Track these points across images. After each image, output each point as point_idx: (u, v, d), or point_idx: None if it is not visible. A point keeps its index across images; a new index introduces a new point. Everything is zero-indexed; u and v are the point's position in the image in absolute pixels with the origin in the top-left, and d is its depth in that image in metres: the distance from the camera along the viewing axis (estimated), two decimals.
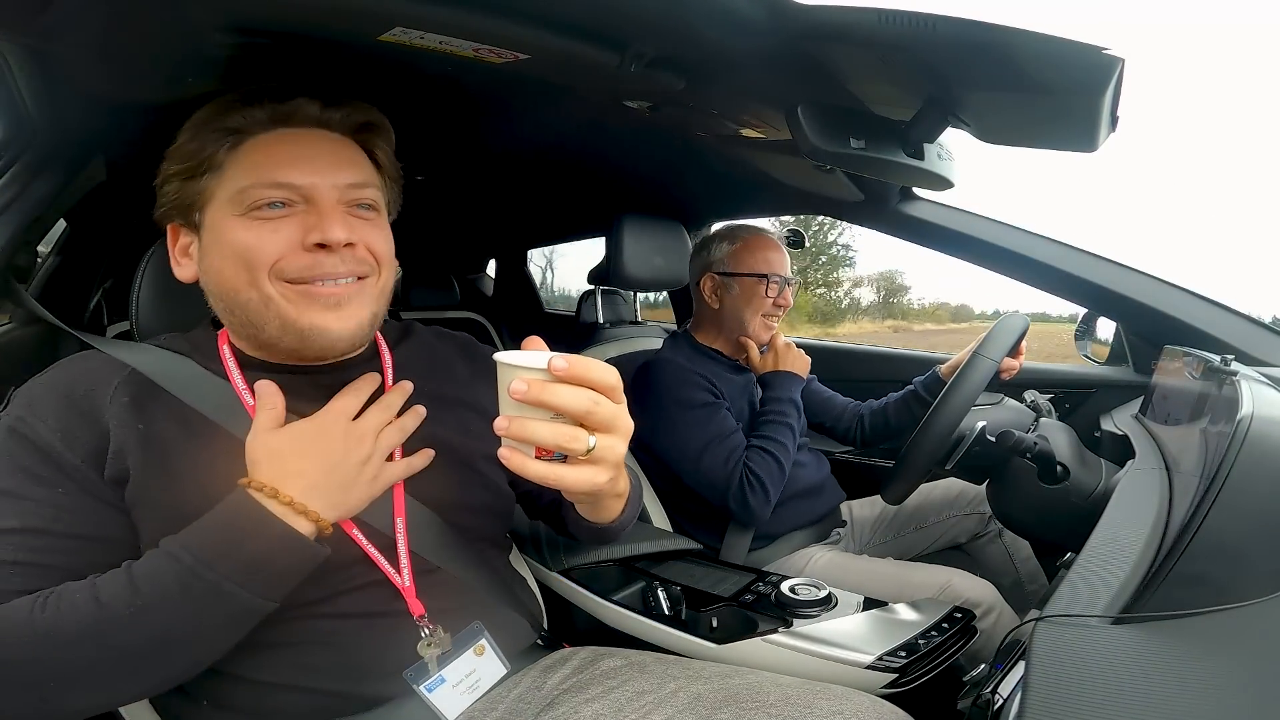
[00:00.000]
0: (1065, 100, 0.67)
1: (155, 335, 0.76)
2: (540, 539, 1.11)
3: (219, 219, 0.62)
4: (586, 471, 0.52)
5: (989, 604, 1.04)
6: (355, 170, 0.65)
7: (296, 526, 0.55)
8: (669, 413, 1.21)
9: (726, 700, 0.61)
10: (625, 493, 0.66)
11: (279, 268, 0.61)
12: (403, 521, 0.66)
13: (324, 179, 0.62)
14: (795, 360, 1.33)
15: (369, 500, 0.61)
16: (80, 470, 0.58)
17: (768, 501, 1.16)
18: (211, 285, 0.65)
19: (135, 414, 0.61)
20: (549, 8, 0.64)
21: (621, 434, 0.53)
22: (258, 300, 0.61)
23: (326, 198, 0.62)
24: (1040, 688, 0.43)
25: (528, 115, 1.12)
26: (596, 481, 0.52)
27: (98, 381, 0.62)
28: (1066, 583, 0.55)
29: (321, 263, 0.61)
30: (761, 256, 1.31)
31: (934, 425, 0.97)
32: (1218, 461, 0.56)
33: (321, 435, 0.59)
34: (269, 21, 0.66)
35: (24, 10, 0.60)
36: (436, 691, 0.65)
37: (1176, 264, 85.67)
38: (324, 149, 0.64)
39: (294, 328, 0.62)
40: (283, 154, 0.62)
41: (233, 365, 0.65)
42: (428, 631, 0.65)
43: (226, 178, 0.62)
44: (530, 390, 0.49)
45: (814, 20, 0.64)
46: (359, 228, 0.64)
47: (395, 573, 0.65)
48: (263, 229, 0.61)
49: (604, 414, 0.51)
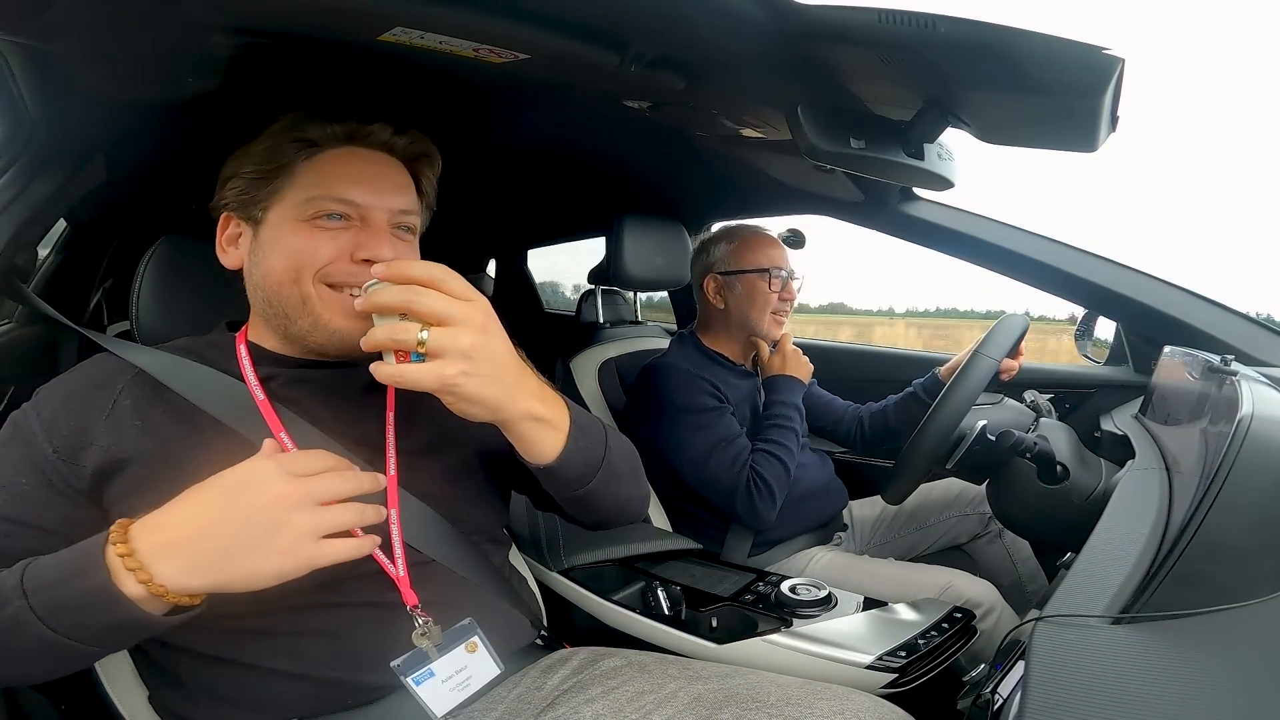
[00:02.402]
0: (1065, 100, 0.67)
1: (155, 334, 0.77)
2: (540, 539, 1.11)
3: (282, 219, 0.67)
4: (430, 366, 0.53)
5: (989, 604, 1.04)
6: (406, 197, 0.71)
7: (120, 584, 0.49)
8: (674, 417, 1.21)
9: (727, 700, 0.61)
10: (551, 420, 0.62)
11: (325, 272, 0.65)
12: (396, 513, 0.66)
13: (381, 201, 0.68)
14: (800, 365, 1.33)
15: (276, 577, 0.52)
16: (49, 460, 0.60)
17: (774, 505, 1.16)
18: (257, 276, 0.68)
19: (135, 412, 0.63)
20: (549, 8, 0.64)
21: (462, 325, 0.54)
22: (297, 297, 0.66)
23: (379, 219, 0.67)
24: (1040, 688, 0.43)
25: (528, 115, 1.12)
26: (445, 374, 0.53)
27: (104, 380, 0.65)
28: (1066, 583, 0.55)
29: (360, 274, 0.65)
30: (762, 253, 1.31)
31: (934, 425, 0.97)
32: (1218, 461, 0.56)
33: (227, 490, 0.53)
34: (268, 22, 0.66)
35: (24, 10, 0.60)
36: (425, 685, 0.64)
37: (1177, 264, 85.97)
38: (386, 172, 0.70)
39: (325, 328, 0.66)
40: (351, 172, 0.67)
41: (247, 364, 0.68)
42: (421, 622, 0.64)
43: (297, 183, 0.67)
44: (365, 301, 0.54)
45: (814, 20, 0.64)
46: (400, 249, 0.68)
47: (389, 562, 0.65)
48: (320, 236, 0.66)
49: (430, 304, 0.53)
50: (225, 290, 0.76)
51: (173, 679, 0.65)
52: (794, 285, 1.32)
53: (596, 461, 0.67)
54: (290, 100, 1.01)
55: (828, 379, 1.53)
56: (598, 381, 1.40)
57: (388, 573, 0.65)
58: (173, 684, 0.65)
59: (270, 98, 0.99)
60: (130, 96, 0.83)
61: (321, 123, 0.68)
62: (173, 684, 0.65)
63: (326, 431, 0.66)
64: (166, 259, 0.83)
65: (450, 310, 0.54)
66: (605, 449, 0.68)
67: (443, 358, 0.53)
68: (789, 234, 1.46)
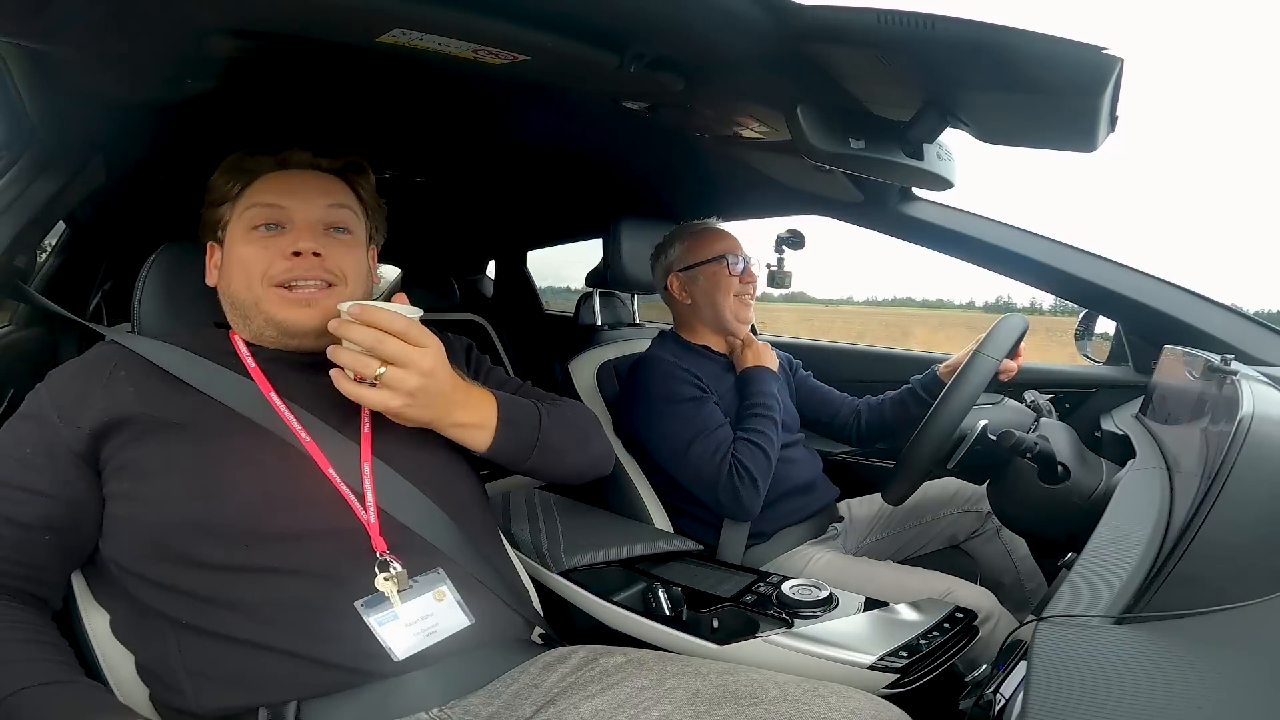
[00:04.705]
0: (1064, 100, 0.67)
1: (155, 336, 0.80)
2: (541, 541, 1.11)
3: (234, 237, 0.79)
4: (382, 394, 0.67)
5: (987, 611, 1.04)
6: (331, 197, 0.80)
7: None
8: (657, 408, 1.22)
9: (725, 697, 0.61)
10: (477, 424, 0.75)
11: (269, 274, 0.76)
12: (369, 465, 0.72)
13: (304, 202, 0.78)
14: (769, 356, 1.34)
15: None
16: (54, 426, 0.68)
17: (757, 493, 1.16)
18: (223, 288, 0.80)
19: (130, 380, 0.72)
20: (548, 9, 0.64)
21: (414, 370, 0.67)
22: (251, 300, 0.77)
23: (305, 217, 0.77)
24: (1042, 688, 0.43)
25: (527, 117, 1.12)
26: (390, 404, 0.68)
27: (104, 358, 0.74)
28: (1068, 583, 0.55)
29: (295, 268, 0.76)
30: (716, 243, 1.33)
31: (935, 425, 0.97)
32: (1218, 461, 0.56)
33: None
34: (267, 23, 0.66)
35: (23, 10, 0.60)
36: (387, 626, 0.66)
37: (1176, 263, 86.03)
38: (309, 181, 0.80)
39: (274, 321, 0.76)
40: (278, 185, 0.79)
41: (243, 346, 0.78)
42: (393, 569, 0.69)
43: (240, 203, 0.79)
44: (336, 327, 0.67)
45: (813, 20, 0.64)
46: (329, 245, 0.78)
47: (361, 509, 0.70)
48: (260, 245, 0.77)
49: (389, 349, 0.66)
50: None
51: (164, 668, 0.66)
52: (753, 269, 1.34)
53: (529, 445, 0.80)
54: (290, 102, 1.02)
55: (827, 379, 1.53)
56: (596, 384, 1.39)
57: (360, 518, 0.69)
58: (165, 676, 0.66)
59: (269, 98, 1.00)
60: (129, 97, 0.83)
61: (256, 156, 0.80)
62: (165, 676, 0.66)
63: (306, 395, 0.74)
64: (168, 264, 0.85)
65: (405, 356, 0.67)
66: (538, 434, 0.80)
67: (392, 390, 0.67)
68: (788, 234, 1.46)
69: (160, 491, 0.67)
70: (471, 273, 2.90)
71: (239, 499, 0.67)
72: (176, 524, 0.66)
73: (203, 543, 0.65)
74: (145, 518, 0.67)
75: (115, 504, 0.68)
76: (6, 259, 0.94)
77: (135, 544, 0.67)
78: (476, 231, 2.45)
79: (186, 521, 0.66)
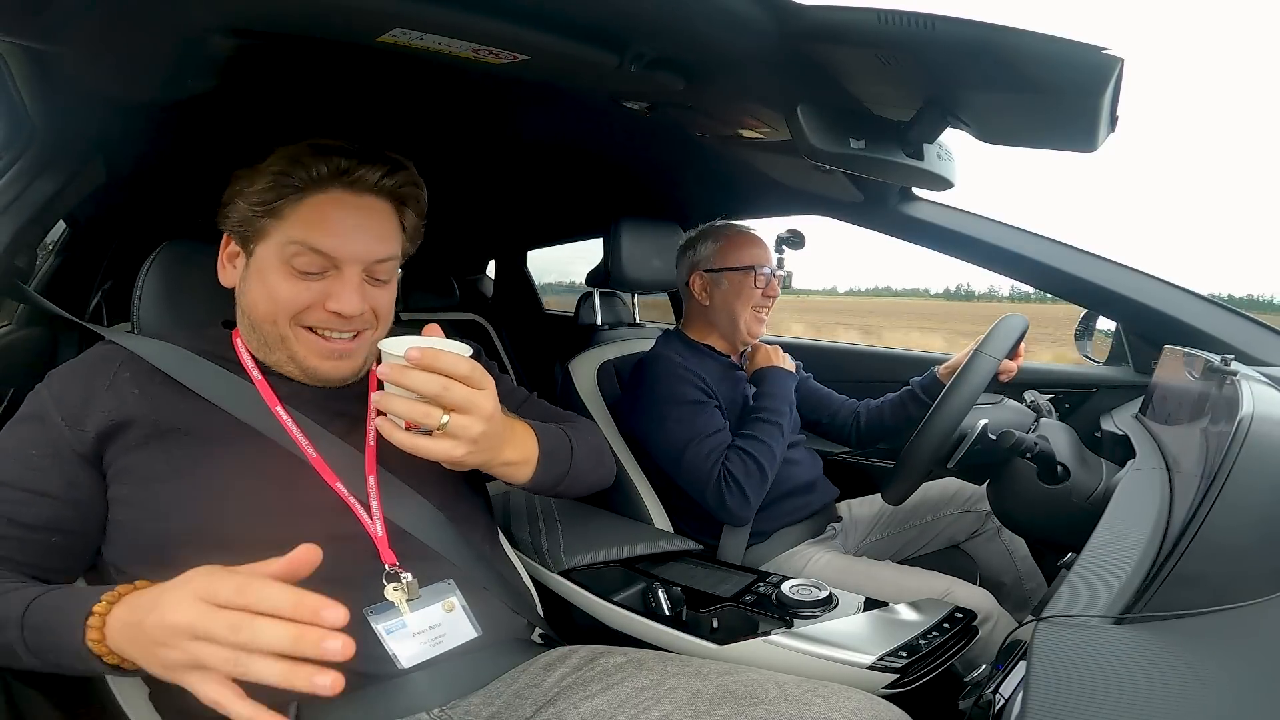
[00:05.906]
0: (1065, 100, 0.67)
1: (156, 336, 0.78)
2: (541, 541, 1.11)
3: (266, 256, 0.71)
4: (445, 444, 0.61)
5: (986, 612, 1.04)
6: (384, 245, 0.73)
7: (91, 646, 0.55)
8: (658, 408, 1.22)
9: (725, 697, 0.61)
10: (523, 460, 0.72)
11: (300, 316, 0.71)
12: (375, 479, 0.71)
13: (354, 252, 0.71)
14: (785, 359, 1.34)
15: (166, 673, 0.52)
16: (58, 428, 0.66)
17: (747, 503, 1.15)
18: (244, 303, 0.75)
19: (134, 382, 0.70)
20: (549, 9, 0.64)
21: (478, 416, 0.61)
22: (276, 334, 0.72)
23: (352, 271, 0.71)
24: (1042, 688, 0.43)
25: (527, 117, 1.12)
26: (454, 454, 0.61)
27: (106, 358, 0.72)
28: (1067, 583, 0.55)
29: (332, 322, 0.72)
30: (748, 251, 1.33)
31: (935, 425, 0.97)
32: (1218, 461, 0.56)
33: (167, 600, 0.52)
34: (267, 22, 0.66)
35: (23, 10, 0.60)
36: (395, 634, 0.66)
37: (1176, 262, 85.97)
38: (365, 222, 0.72)
39: (300, 364, 0.73)
40: (331, 221, 0.70)
41: (248, 357, 0.75)
42: (403, 579, 0.68)
43: (283, 225, 0.71)
44: (390, 373, 0.59)
45: (814, 20, 0.64)
46: (371, 295, 0.73)
47: (369, 520, 0.70)
48: (297, 284, 0.70)
49: (455, 397, 0.59)
50: (224, 295, 0.78)
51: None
52: (776, 283, 1.34)
53: (562, 475, 0.79)
54: (290, 101, 1.02)
55: (827, 379, 1.53)
56: (596, 384, 1.39)
57: (368, 531, 0.69)
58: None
59: (269, 98, 1.00)
60: (129, 97, 0.83)
61: (311, 162, 0.70)
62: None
63: (309, 404, 0.73)
64: (168, 263, 0.84)
65: (470, 402, 0.60)
66: (570, 464, 0.79)
67: (455, 439, 0.61)
68: (788, 234, 1.46)
69: (162, 498, 0.66)
70: (471, 272, 2.90)
71: (241, 508, 0.67)
72: (178, 531, 0.65)
73: (204, 550, 0.58)
74: (146, 524, 0.66)
75: (117, 509, 0.68)
76: (6, 259, 0.94)
77: (136, 549, 0.67)
78: (477, 231, 2.44)
79: (188, 529, 0.65)
